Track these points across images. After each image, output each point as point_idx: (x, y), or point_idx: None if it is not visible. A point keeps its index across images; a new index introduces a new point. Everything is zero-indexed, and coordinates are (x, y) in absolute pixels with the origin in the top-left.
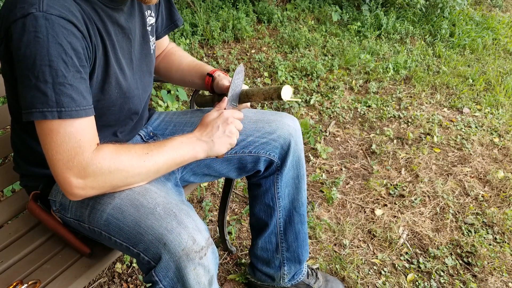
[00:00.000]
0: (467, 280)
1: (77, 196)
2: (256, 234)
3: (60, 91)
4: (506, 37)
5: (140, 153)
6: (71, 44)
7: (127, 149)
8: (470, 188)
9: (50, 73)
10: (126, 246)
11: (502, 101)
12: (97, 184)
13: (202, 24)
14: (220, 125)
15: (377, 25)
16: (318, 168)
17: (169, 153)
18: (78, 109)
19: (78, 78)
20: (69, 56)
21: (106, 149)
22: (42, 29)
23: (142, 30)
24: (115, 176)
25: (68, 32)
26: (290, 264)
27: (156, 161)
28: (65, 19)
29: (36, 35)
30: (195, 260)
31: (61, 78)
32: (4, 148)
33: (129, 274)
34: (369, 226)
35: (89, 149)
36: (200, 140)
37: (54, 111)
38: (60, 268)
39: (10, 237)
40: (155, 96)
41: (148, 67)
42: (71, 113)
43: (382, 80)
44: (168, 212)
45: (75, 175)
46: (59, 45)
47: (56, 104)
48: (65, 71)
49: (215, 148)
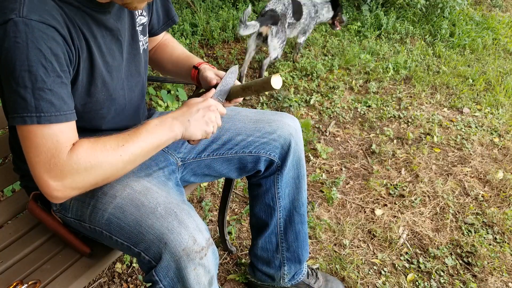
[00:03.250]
0: (467, 280)
1: (58, 198)
2: (256, 234)
3: (39, 96)
4: (506, 37)
5: (115, 147)
6: (51, 49)
7: (103, 144)
8: (470, 188)
9: (30, 78)
10: (127, 245)
11: (502, 101)
12: (76, 184)
13: (202, 24)
14: (201, 109)
15: (377, 25)
16: (318, 168)
17: (145, 139)
18: (58, 114)
19: (59, 83)
20: (49, 61)
21: (80, 148)
22: (22, 34)
23: (131, 30)
24: (92, 174)
25: (48, 37)
26: (290, 264)
27: (133, 152)
28: (45, 24)
29: (16, 41)
30: (195, 260)
31: (40, 83)
32: (4, 148)
33: (129, 274)
34: (369, 226)
35: (65, 150)
36: (176, 120)
37: (34, 116)
38: (60, 268)
39: (10, 237)
40: (155, 96)
41: (136, 67)
42: (50, 118)
43: (382, 80)
44: (169, 211)
45: (52, 178)
46: (38, 50)
47: (35, 109)
48: (44, 76)
49: (189, 129)
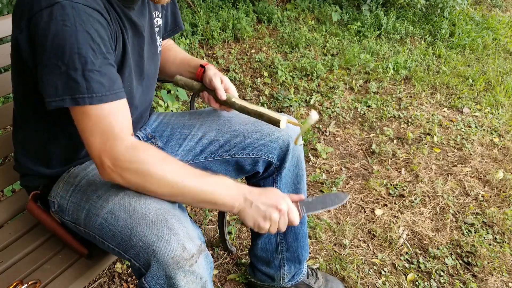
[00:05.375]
0: (467, 280)
1: (106, 175)
2: (255, 234)
3: (90, 78)
4: (506, 37)
5: (179, 172)
6: (98, 31)
7: (173, 162)
8: (470, 188)
9: (80, 60)
10: (118, 251)
11: (502, 101)
12: (124, 176)
13: (202, 24)
14: (271, 207)
15: (377, 25)
16: (318, 168)
17: (208, 187)
18: (108, 93)
19: (106, 65)
20: (97, 43)
21: (145, 151)
22: (70, 17)
23: (150, 30)
24: (144, 180)
25: (94, 20)
26: (290, 264)
27: (189, 189)
28: (90, 7)
29: (64, 24)
30: (185, 268)
31: (90, 65)
32: (4, 148)
33: (129, 274)
34: (369, 226)
35: (124, 138)
36: (243, 196)
37: (85, 97)
38: (60, 268)
39: (10, 237)
40: (155, 96)
41: (154, 67)
42: (101, 98)
43: (382, 80)
44: (160, 218)
45: (107, 157)
46: (86, 33)
47: (87, 90)
48: (93, 58)
49: (245, 211)
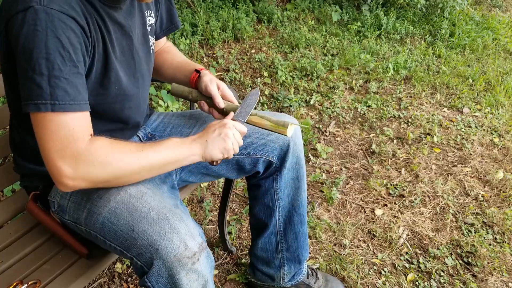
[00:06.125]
0: (467, 280)
1: (67, 186)
2: (256, 234)
3: (55, 84)
4: (506, 37)
5: (134, 150)
6: (69, 39)
7: (122, 145)
8: (470, 188)
9: (47, 66)
10: (120, 250)
11: (502, 101)
12: (88, 176)
13: (202, 24)
14: (217, 129)
15: (377, 25)
16: (318, 168)
17: (164, 152)
18: (72, 103)
19: (75, 73)
20: (67, 50)
21: (100, 142)
22: (42, 22)
23: (143, 29)
24: (107, 170)
25: (67, 27)
26: (290, 264)
27: (150, 160)
28: (65, 14)
29: (35, 28)
30: (187, 266)
31: (57, 71)
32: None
33: (129, 274)
34: (369, 226)
35: (83, 139)
36: (195, 141)
37: (48, 104)
38: (60, 268)
39: (10, 237)
40: (155, 96)
41: (148, 66)
42: (64, 107)
43: (382, 80)
44: (161, 216)
45: (67, 164)
46: (57, 39)
47: (50, 97)
48: (61, 64)
49: (208, 150)
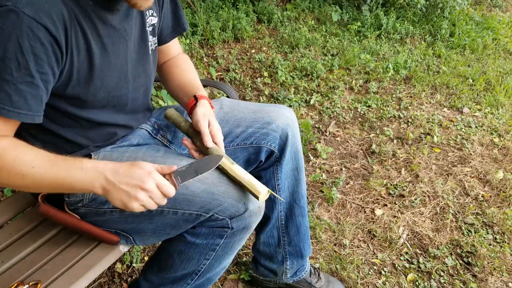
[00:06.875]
0: (467, 280)
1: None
2: (258, 229)
3: (1, 86)
4: (506, 37)
5: (31, 158)
6: (32, 47)
7: (24, 150)
8: (470, 188)
9: (0, 67)
10: (196, 213)
11: (502, 101)
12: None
13: (202, 24)
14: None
15: (377, 25)
16: (318, 168)
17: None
18: (11, 109)
19: (27, 82)
20: (25, 58)
21: (4, 141)
22: (9, 23)
23: (141, 30)
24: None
25: (34, 36)
26: (293, 258)
27: (41, 175)
28: (36, 22)
29: (2, 27)
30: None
31: (8, 75)
32: None
33: (129, 274)
34: (369, 226)
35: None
36: (106, 177)
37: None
38: (61, 269)
39: (11, 237)
40: (155, 96)
41: (144, 67)
42: (0, 111)
43: (382, 80)
44: (228, 182)
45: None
46: (18, 44)
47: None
48: (14, 70)
49: (110, 193)
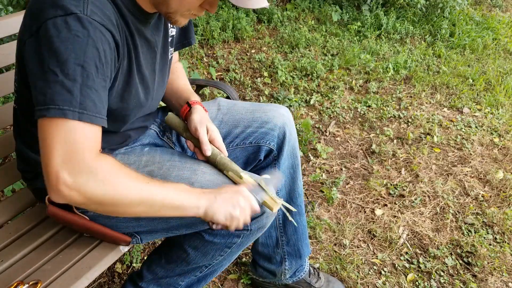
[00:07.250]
0: (467, 280)
1: (60, 194)
2: None
3: (86, 94)
4: (506, 37)
5: (141, 179)
6: (105, 52)
7: (130, 171)
8: (470, 188)
9: (81, 73)
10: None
11: (502, 101)
12: (85, 189)
13: (202, 24)
14: (230, 192)
15: (377, 25)
16: (318, 168)
17: (169, 191)
18: (97, 116)
19: (103, 87)
20: (102, 63)
21: (109, 160)
22: (84, 30)
23: (164, 41)
24: (106, 189)
25: (106, 40)
26: (291, 259)
27: (154, 194)
28: (105, 27)
29: (76, 34)
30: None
31: (90, 81)
32: (4, 148)
33: (129, 274)
34: (369, 226)
35: (91, 152)
36: (204, 194)
37: (76, 112)
38: (60, 268)
39: (11, 237)
40: None
41: (163, 77)
42: (91, 118)
43: (382, 80)
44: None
45: (67, 171)
46: (96, 50)
47: (80, 105)
48: (95, 76)
49: (214, 206)
